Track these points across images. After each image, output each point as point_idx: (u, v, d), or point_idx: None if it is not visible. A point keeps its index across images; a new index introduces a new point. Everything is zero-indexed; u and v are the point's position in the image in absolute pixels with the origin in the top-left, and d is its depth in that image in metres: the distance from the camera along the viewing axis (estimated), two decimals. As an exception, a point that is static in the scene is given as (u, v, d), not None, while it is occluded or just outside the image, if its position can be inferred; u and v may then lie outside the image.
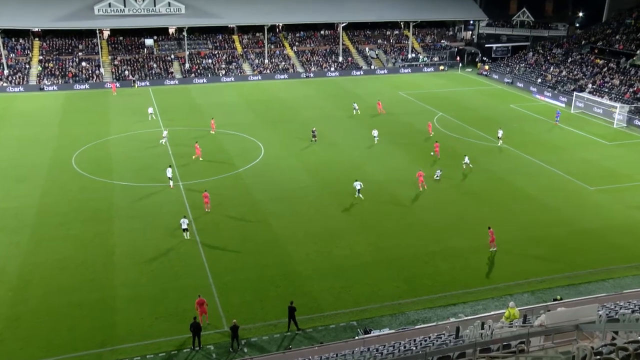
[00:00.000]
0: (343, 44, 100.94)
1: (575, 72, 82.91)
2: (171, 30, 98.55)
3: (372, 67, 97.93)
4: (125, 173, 48.48)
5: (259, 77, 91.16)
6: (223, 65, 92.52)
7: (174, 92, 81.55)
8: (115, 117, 66.63)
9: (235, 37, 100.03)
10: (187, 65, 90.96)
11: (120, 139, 57.94)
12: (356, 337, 26.68)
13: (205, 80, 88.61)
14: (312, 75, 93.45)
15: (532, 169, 50.68)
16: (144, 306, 30.04)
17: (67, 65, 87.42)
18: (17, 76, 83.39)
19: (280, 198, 43.67)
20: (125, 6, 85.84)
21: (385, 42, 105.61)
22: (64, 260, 34.32)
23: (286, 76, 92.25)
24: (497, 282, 32.82)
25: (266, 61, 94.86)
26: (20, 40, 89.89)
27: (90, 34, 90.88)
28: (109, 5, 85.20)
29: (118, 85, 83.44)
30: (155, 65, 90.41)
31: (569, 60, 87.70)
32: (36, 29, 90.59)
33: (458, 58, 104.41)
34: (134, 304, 30.20)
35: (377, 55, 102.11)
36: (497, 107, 73.98)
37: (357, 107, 69.14)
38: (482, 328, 19.78)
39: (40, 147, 55.42)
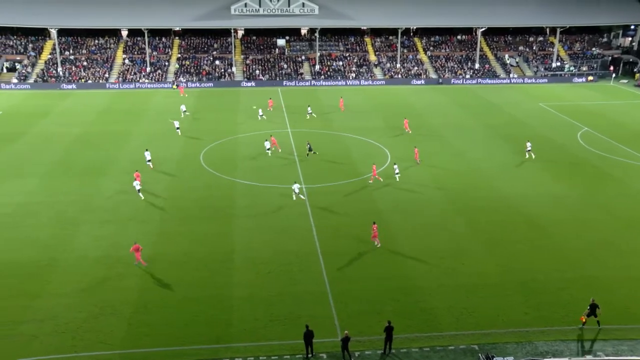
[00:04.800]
0: (480, 50, 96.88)
1: None
2: (303, 31, 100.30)
3: (511, 75, 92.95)
4: (249, 172, 49.34)
5: (390, 82, 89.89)
6: (353, 68, 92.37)
7: (302, 93, 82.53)
8: (243, 115, 68.45)
9: (367, 39, 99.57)
10: (317, 67, 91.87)
11: (247, 138, 59.28)
12: (477, 363, 24.97)
13: (334, 83, 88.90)
14: (445, 81, 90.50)
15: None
16: (258, 307, 30.00)
17: (202, 63, 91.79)
18: (157, 73, 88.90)
19: (404, 209, 42.16)
20: (260, 6, 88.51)
21: (527, 49, 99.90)
22: (185, 255, 35.32)
23: (418, 82, 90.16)
24: (649, 322, 29.04)
25: (398, 65, 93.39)
26: (163, 39, 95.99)
27: (225, 33, 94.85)
28: (245, 5, 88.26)
29: (174, 86, 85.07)
30: (285, 66, 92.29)
31: None
32: (177, 28, 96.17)
33: (611, 68, 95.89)
34: (249, 305, 30.25)
35: (517, 63, 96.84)
36: (656, 124, 66.74)
37: (310, 111, 67.13)
38: (627, 372, 17.29)
39: (172, 142, 58.12)
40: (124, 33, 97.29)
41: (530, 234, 38.37)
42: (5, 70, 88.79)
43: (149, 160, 50.31)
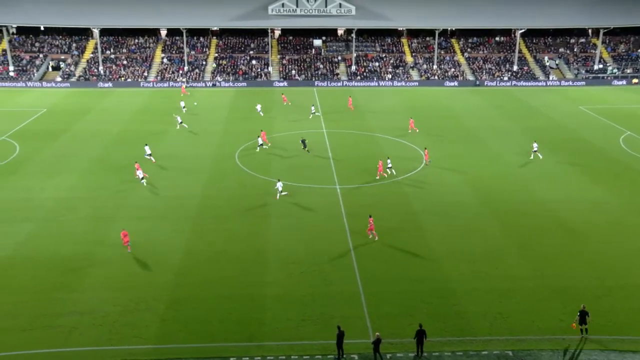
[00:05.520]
0: (519, 52, 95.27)
1: None
2: (340, 32, 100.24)
3: (551, 77, 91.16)
4: (283, 171, 49.47)
5: (424, 83, 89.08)
6: (390, 69, 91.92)
7: (337, 93, 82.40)
8: (279, 116, 68.87)
9: (404, 40, 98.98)
10: (353, 68, 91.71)
11: (283, 137, 59.51)
12: (510, 369, 24.56)
13: (370, 84, 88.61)
14: (482, 83, 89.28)
15: None
16: (291, 307, 30.11)
17: (239, 63, 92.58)
18: (194, 72, 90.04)
19: (438, 211, 41.79)
20: (297, 6, 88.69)
21: (568, 51, 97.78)
22: (219, 253, 35.66)
23: (455, 83, 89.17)
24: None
25: (435, 67, 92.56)
26: (201, 39, 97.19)
27: (262, 33, 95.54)
28: (282, 5, 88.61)
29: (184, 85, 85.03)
30: (321, 66, 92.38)
31: None
32: (215, 28, 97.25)
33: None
34: (282, 304, 30.39)
35: (557, 65, 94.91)
36: None
37: (314, 110, 67.98)
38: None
39: (208, 140, 58.78)
40: (163, 33, 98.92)
41: (567, 239, 37.57)
42: (50, 69, 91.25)
43: (148, 154, 51.59)
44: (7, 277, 32.83)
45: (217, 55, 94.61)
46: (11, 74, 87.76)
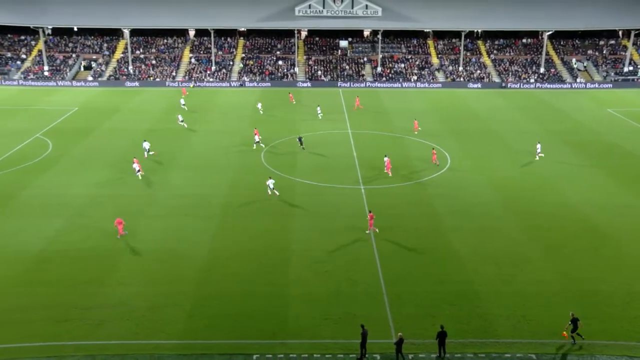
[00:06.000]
0: (547, 54, 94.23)
1: None
2: (366, 33, 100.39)
3: (578, 80, 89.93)
4: (308, 171, 49.86)
5: (448, 85, 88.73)
6: (415, 71, 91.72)
7: (363, 94, 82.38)
8: (304, 116, 69.31)
9: (430, 42, 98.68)
10: (379, 69, 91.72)
11: (308, 138, 59.75)
12: (533, 372, 24.49)
13: (395, 85, 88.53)
14: (507, 85, 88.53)
15: None
16: (314, 306, 30.35)
17: (265, 63, 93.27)
18: (221, 72, 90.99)
19: (462, 213, 41.72)
20: (324, 7, 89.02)
21: (597, 53, 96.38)
22: (244, 251, 36.06)
23: (480, 85, 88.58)
24: None
25: (460, 68, 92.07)
26: (228, 39, 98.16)
27: (289, 34, 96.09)
28: (309, 6, 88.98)
29: (190, 85, 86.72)
30: (347, 67, 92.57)
31: None
32: (242, 29, 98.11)
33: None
34: (305, 302, 30.66)
35: (585, 67, 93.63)
36: None
37: (320, 111, 68.11)
38: None
39: (233, 139, 59.34)
40: (192, 33, 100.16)
41: (593, 242, 37.21)
42: (82, 69, 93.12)
43: (147, 151, 52.96)
44: (41, 270, 33.78)
45: (244, 55, 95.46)
46: (46, 73, 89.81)
